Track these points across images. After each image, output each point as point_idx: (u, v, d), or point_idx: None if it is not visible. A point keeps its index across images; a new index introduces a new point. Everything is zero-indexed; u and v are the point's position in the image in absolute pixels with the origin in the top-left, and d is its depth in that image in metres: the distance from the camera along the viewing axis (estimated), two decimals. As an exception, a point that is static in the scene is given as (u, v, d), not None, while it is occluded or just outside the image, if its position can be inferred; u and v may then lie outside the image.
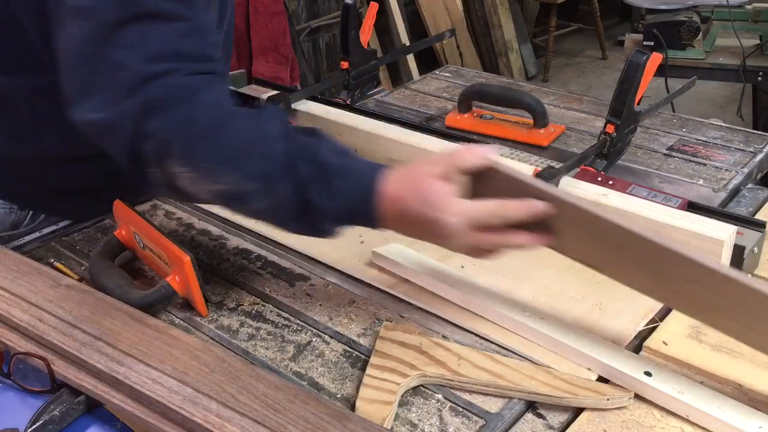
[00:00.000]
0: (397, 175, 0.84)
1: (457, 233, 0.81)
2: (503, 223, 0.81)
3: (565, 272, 1.02)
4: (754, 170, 1.27)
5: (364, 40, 1.50)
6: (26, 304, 0.92)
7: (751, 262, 0.98)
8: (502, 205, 0.81)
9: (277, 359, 0.89)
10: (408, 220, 0.83)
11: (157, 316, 0.94)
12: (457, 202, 0.81)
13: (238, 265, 1.08)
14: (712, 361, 0.86)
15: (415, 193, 0.82)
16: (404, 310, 0.97)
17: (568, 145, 1.38)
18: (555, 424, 0.79)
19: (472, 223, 0.80)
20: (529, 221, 0.80)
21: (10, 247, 1.12)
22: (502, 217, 0.81)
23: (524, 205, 0.80)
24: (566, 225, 0.81)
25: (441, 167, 0.82)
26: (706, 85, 3.78)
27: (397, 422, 0.79)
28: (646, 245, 0.76)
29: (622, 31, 4.88)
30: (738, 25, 2.58)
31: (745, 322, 0.75)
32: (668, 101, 1.35)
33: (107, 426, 0.81)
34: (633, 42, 2.82)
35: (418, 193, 0.81)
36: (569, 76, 4.69)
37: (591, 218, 0.79)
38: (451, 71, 1.80)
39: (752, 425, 0.75)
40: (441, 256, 1.06)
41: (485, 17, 4.22)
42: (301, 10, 3.60)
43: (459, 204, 0.81)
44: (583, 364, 0.85)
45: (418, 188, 0.82)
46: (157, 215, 1.22)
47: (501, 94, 1.42)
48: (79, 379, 0.82)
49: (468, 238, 0.81)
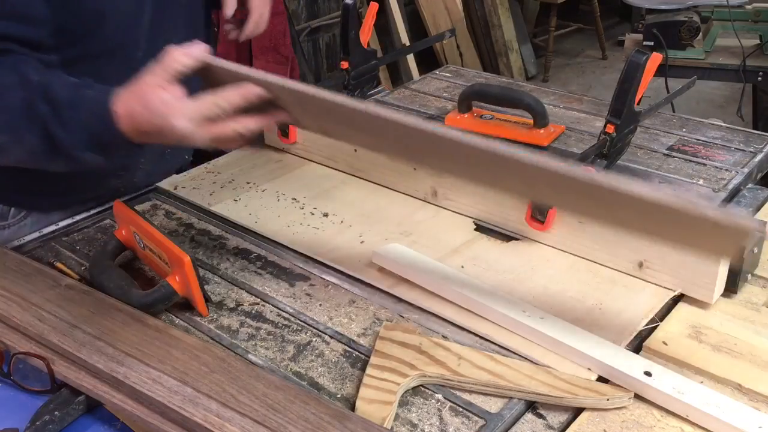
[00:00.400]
0: (125, 93, 0.89)
1: (191, 133, 0.86)
2: (227, 111, 0.86)
3: (565, 272, 1.03)
4: (754, 170, 1.27)
5: (364, 40, 1.49)
6: (26, 303, 0.92)
7: (751, 262, 0.98)
8: (219, 95, 0.86)
9: (277, 359, 0.89)
10: (146, 132, 0.88)
11: (157, 316, 0.94)
12: (181, 104, 0.86)
13: (238, 265, 1.08)
14: (712, 361, 0.86)
15: (143, 106, 0.87)
16: (404, 310, 0.97)
17: (568, 145, 1.38)
18: (555, 424, 0.79)
19: (200, 119, 0.86)
20: (251, 104, 0.87)
21: (10, 247, 1.12)
22: (222, 106, 0.86)
23: (238, 90, 0.86)
24: (289, 105, 0.89)
25: (159, 76, 0.87)
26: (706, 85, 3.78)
27: (397, 422, 0.79)
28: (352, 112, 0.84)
29: (622, 31, 4.89)
30: (738, 25, 2.58)
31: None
32: (668, 101, 1.35)
33: (107, 426, 0.82)
34: (633, 42, 2.82)
35: (146, 106, 0.87)
36: (569, 76, 4.69)
37: (305, 96, 0.86)
38: (451, 71, 1.80)
39: (752, 425, 0.75)
40: (441, 256, 1.06)
41: (485, 17, 4.22)
42: (301, 10, 3.60)
43: (183, 106, 0.86)
44: (583, 364, 0.85)
45: (144, 101, 0.87)
46: (157, 215, 1.22)
47: (501, 94, 1.42)
48: (79, 379, 0.82)
49: (203, 133, 0.87)
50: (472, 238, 1.12)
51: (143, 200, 1.26)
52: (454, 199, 1.17)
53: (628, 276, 1.01)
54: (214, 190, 1.27)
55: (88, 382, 0.82)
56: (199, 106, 0.86)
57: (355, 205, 1.21)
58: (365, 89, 1.56)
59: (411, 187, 1.22)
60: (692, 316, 0.94)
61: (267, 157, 1.38)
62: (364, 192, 1.25)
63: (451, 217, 1.17)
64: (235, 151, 1.41)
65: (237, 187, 1.28)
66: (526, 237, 1.10)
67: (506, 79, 1.84)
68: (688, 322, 0.93)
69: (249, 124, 0.88)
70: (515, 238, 1.11)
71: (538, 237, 1.09)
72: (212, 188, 1.28)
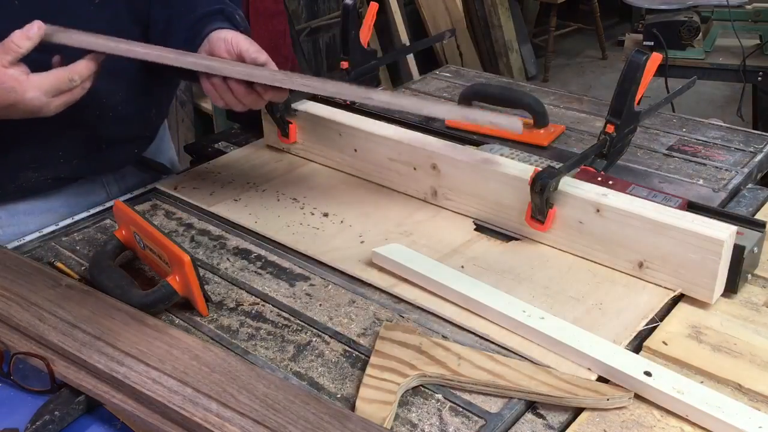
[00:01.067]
0: None
1: (42, 104, 0.97)
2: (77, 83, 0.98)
3: (565, 272, 1.03)
4: (754, 170, 1.27)
5: (364, 40, 1.49)
6: (26, 303, 0.92)
7: (751, 262, 0.98)
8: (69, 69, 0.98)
9: (277, 359, 0.89)
10: (4, 108, 0.96)
11: (157, 316, 0.94)
12: (29, 80, 0.95)
13: (238, 265, 1.08)
14: (712, 361, 0.86)
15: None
16: (404, 310, 0.97)
17: (568, 145, 1.38)
18: (555, 424, 0.79)
19: (52, 91, 0.96)
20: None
21: (10, 247, 1.12)
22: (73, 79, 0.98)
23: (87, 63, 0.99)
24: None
25: (6, 54, 0.94)
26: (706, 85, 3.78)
27: (397, 422, 0.79)
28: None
29: (622, 31, 4.89)
30: (738, 25, 2.58)
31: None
32: (668, 101, 1.34)
33: (107, 426, 0.81)
34: (633, 42, 2.82)
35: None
36: (569, 76, 4.69)
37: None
38: (451, 71, 1.80)
39: (752, 425, 0.75)
40: (441, 256, 1.06)
41: (485, 17, 4.22)
42: (301, 10, 3.60)
43: (32, 81, 0.95)
44: (583, 364, 0.85)
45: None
46: (157, 215, 1.22)
47: (501, 94, 1.42)
48: (79, 379, 0.82)
49: (55, 104, 0.98)
50: (472, 238, 1.12)
51: (143, 200, 1.26)
52: (454, 199, 1.17)
53: (628, 276, 1.01)
54: (214, 190, 1.27)
55: (88, 382, 0.82)
56: (50, 80, 0.96)
57: (355, 205, 1.21)
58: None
59: (411, 187, 1.22)
60: (692, 316, 0.94)
61: (267, 157, 1.38)
62: (364, 192, 1.25)
63: (451, 217, 1.17)
64: (236, 151, 1.41)
65: (237, 187, 1.28)
66: (526, 237, 1.10)
67: (506, 79, 1.84)
68: (688, 322, 0.93)
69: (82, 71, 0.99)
70: (515, 238, 1.11)
71: (538, 237, 1.09)
72: (212, 188, 1.28)
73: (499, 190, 1.10)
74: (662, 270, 0.97)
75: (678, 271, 0.96)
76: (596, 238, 1.02)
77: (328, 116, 1.30)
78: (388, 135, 1.22)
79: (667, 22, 2.61)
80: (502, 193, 1.10)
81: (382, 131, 1.24)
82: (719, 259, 0.92)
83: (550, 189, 1.03)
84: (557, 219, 1.05)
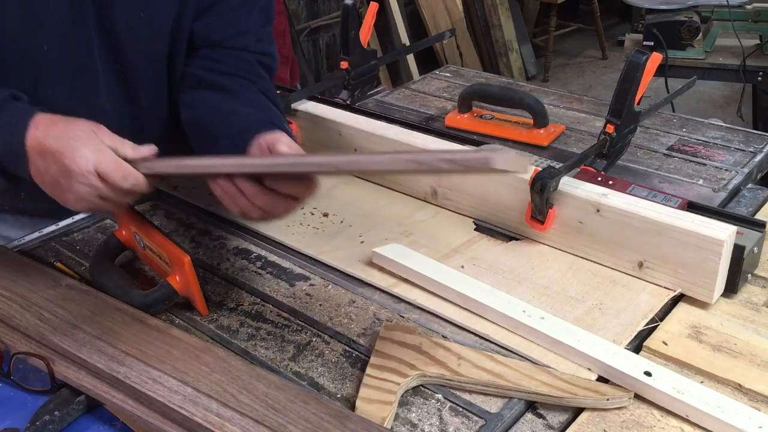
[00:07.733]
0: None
1: (80, 172, 0.84)
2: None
3: (565, 272, 1.03)
4: (754, 170, 1.27)
5: (364, 40, 1.49)
6: (26, 303, 0.92)
7: (751, 262, 0.98)
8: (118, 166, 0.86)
9: (277, 359, 0.89)
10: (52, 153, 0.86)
11: (158, 316, 0.94)
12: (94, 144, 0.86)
13: (238, 265, 1.08)
14: (712, 361, 0.86)
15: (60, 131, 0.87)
16: (404, 310, 0.97)
17: (568, 145, 1.38)
18: (555, 424, 0.79)
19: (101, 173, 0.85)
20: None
21: (11, 246, 1.12)
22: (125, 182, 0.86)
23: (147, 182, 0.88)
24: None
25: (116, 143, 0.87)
26: (706, 85, 3.79)
27: (397, 422, 0.79)
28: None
29: (622, 31, 4.89)
30: (738, 25, 2.58)
31: None
32: (668, 101, 1.35)
33: (107, 426, 0.81)
34: (633, 42, 2.82)
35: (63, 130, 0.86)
36: (569, 76, 4.69)
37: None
38: (451, 71, 1.80)
39: (752, 425, 0.75)
40: (441, 256, 1.06)
41: (485, 17, 4.22)
42: (301, 10, 3.60)
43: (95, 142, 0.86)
44: (583, 364, 0.85)
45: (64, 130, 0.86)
46: (157, 215, 1.22)
47: (501, 94, 1.42)
48: (79, 379, 0.82)
49: (82, 190, 0.85)
50: (472, 238, 1.12)
51: (143, 200, 1.26)
52: (454, 199, 1.17)
53: (628, 276, 1.01)
54: (214, 190, 1.27)
55: (88, 382, 0.82)
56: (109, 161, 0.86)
57: (355, 205, 1.21)
58: (365, 89, 1.56)
59: (411, 187, 1.22)
60: (692, 316, 0.94)
61: (267, 157, 1.38)
62: (364, 192, 1.25)
63: (451, 217, 1.17)
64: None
65: (237, 187, 1.28)
66: (526, 237, 1.10)
67: (506, 79, 1.84)
68: (688, 322, 0.93)
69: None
70: (515, 238, 1.11)
71: (538, 237, 1.09)
72: (212, 188, 1.28)
73: (499, 190, 1.10)
74: (662, 270, 0.97)
75: (678, 271, 0.96)
76: (596, 238, 1.02)
77: (328, 116, 1.30)
78: (388, 135, 1.22)
79: (667, 22, 2.61)
80: (502, 193, 1.10)
81: (382, 131, 1.24)
82: (719, 259, 0.92)
83: (550, 189, 1.03)
84: (557, 219, 1.05)
